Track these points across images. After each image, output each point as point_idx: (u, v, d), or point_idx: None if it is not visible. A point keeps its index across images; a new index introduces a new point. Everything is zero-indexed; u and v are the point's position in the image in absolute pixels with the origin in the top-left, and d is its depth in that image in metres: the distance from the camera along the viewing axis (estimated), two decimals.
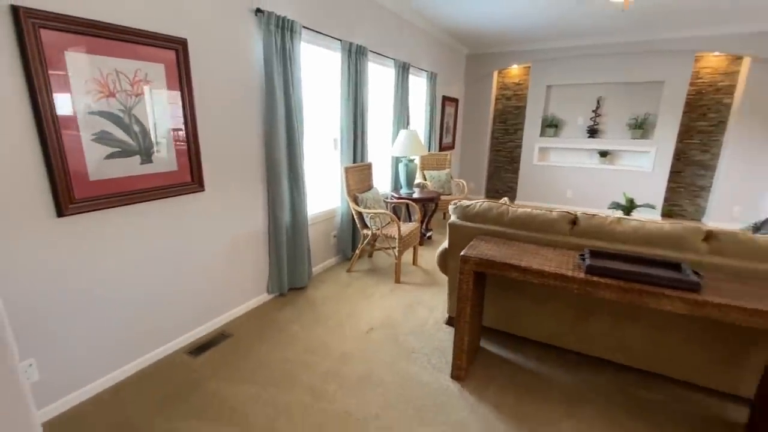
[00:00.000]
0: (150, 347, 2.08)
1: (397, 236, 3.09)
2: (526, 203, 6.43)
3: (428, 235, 4.35)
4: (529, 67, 6.09)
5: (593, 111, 5.78)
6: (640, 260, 1.68)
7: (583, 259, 1.68)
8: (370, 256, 3.78)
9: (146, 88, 1.85)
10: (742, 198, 5.03)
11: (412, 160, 4.02)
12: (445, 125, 5.85)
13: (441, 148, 5.82)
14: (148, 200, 1.93)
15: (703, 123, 5.28)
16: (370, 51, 3.60)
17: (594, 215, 1.95)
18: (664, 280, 1.46)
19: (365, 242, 3.32)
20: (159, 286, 2.07)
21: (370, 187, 3.62)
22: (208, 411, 1.77)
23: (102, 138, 1.71)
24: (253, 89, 2.45)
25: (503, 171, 6.84)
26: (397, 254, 3.14)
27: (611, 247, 1.84)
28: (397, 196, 3.96)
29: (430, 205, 4.22)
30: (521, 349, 2.28)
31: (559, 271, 1.61)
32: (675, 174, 5.54)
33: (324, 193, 3.45)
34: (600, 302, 1.96)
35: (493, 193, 7.00)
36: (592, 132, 5.79)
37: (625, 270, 1.53)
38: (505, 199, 2.46)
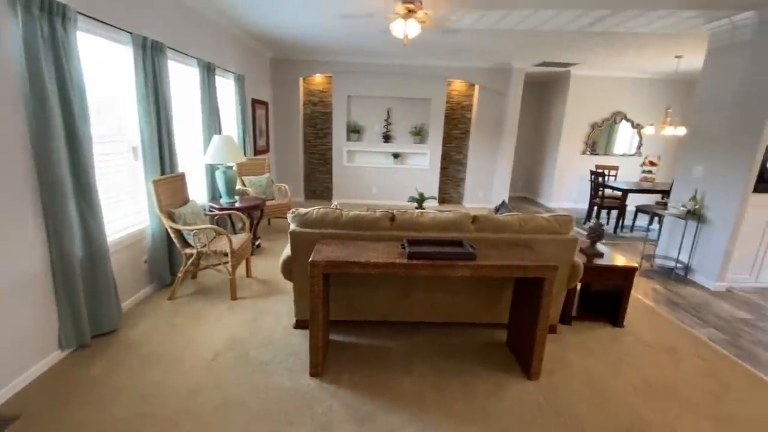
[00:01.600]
0: None
1: (228, 251, 2.94)
2: (343, 201, 7.07)
3: (257, 243, 4.25)
4: (331, 77, 6.66)
5: (385, 120, 6.88)
6: (438, 242, 2.27)
7: (404, 248, 2.13)
8: (194, 277, 3.41)
9: None
10: (483, 185, 7.12)
11: (230, 167, 3.82)
12: (258, 128, 5.73)
13: (256, 152, 5.68)
14: None
15: (456, 131, 7.14)
16: (170, 48, 3.20)
17: (405, 212, 2.47)
18: (455, 255, 2.06)
19: (189, 263, 2.99)
20: None
21: (186, 201, 3.25)
22: None
23: None
24: (4, 85, 1.83)
25: (318, 172, 7.26)
26: (230, 270, 2.98)
27: (420, 235, 2.39)
28: (218, 207, 3.70)
29: (255, 213, 4.12)
30: (362, 331, 2.65)
31: (390, 260, 2.01)
32: (443, 170, 7.27)
33: (127, 212, 2.89)
34: (417, 280, 2.52)
35: (311, 193, 7.34)
36: (386, 137, 6.90)
37: (431, 252, 2.06)
38: (336, 203, 2.76)
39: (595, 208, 6.07)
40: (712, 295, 3.60)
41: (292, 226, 2.42)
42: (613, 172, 6.56)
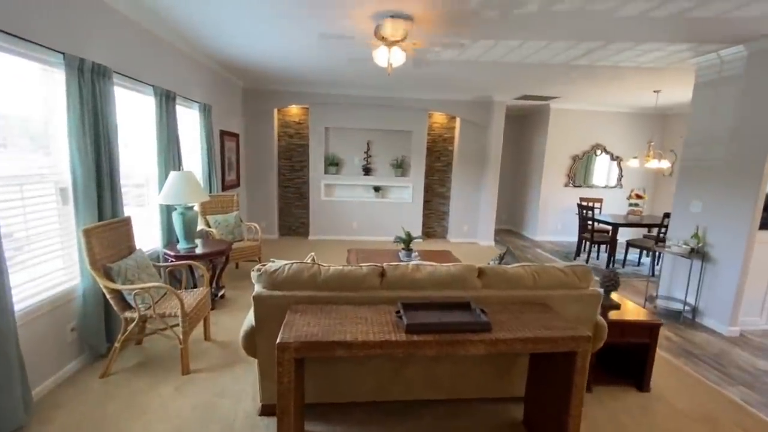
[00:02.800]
0: None
1: (180, 313, 2.39)
2: (320, 238, 6.57)
3: (220, 294, 3.68)
4: (308, 108, 6.35)
5: (365, 152, 6.58)
6: (440, 305, 1.84)
7: (400, 316, 1.69)
8: (139, 342, 2.80)
9: None
10: (468, 219, 6.84)
11: (190, 208, 3.31)
12: (227, 161, 5.25)
13: (225, 187, 5.17)
14: None
15: (438, 164, 6.91)
16: (119, 73, 2.75)
17: (397, 265, 2.05)
18: (465, 326, 1.63)
19: (129, 329, 2.41)
20: None
21: (130, 251, 2.70)
22: None
23: None
24: None
25: (293, 207, 6.78)
26: (181, 336, 2.42)
27: (416, 295, 1.96)
28: (173, 254, 3.15)
29: (219, 259, 3.58)
30: (347, 416, 2.12)
31: (383, 336, 1.56)
32: (426, 203, 6.96)
33: (53, 269, 2.31)
34: None
35: (286, 230, 6.81)
36: (366, 170, 6.57)
37: (437, 322, 1.63)
38: (312, 254, 2.30)
39: (584, 242, 5.87)
40: (727, 341, 3.31)
41: (258, 288, 1.93)
42: (597, 205, 6.44)
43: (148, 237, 3.38)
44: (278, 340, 1.50)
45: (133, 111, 3.16)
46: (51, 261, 2.33)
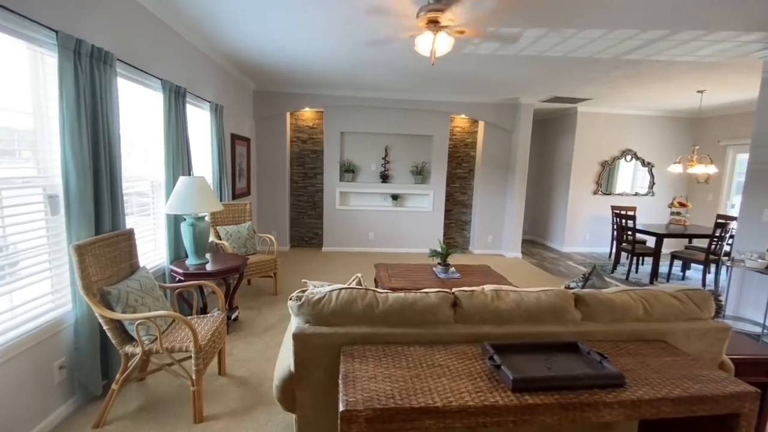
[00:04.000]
0: None
1: (192, 348, 1.95)
2: (335, 249, 6.14)
3: (234, 316, 3.23)
4: (323, 111, 5.98)
5: (383, 158, 6.18)
6: (541, 347, 1.41)
7: (496, 365, 1.25)
8: (142, 379, 2.35)
9: None
10: (493, 228, 6.40)
11: (201, 218, 2.90)
12: (237, 168, 4.85)
13: (235, 195, 4.76)
14: None
15: (460, 170, 6.50)
16: (122, 62, 2.36)
17: (472, 292, 1.61)
18: (593, 380, 1.19)
19: (130, 368, 1.97)
20: None
21: (133, 270, 2.27)
22: None
23: None
24: None
25: (306, 216, 6.36)
26: (194, 378, 1.97)
27: (501, 331, 1.52)
28: (182, 272, 2.72)
29: (232, 276, 3.15)
30: None
31: (483, 398, 1.12)
32: (447, 212, 6.54)
33: (40, 293, 1.88)
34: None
35: (298, 241, 6.38)
36: (384, 177, 6.16)
37: (553, 376, 1.19)
38: (359, 275, 1.86)
39: (621, 254, 5.43)
40: None
41: (297, 323, 1.49)
42: (630, 213, 6.01)
43: (152, 252, 2.96)
44: (342, 406, 1.06)
45: (138, 107, 2.76)
46: (36, 285, 1.90)
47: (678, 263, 5.45)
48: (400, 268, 3.56)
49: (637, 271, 5.46)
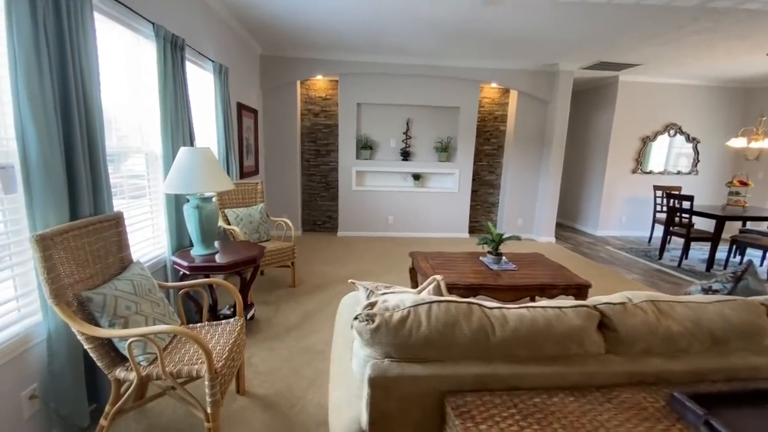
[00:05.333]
0: None
1: (206, 373, 1.44)
2: (350, 234, 5.62)
3: (250, 315, 2.73)
4: (337, 80, 5.34)
5: (404, 133, 5.58)
6: (750, 394, 0.89)
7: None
8: (141, 405, 1.86)
9: None
10: (523, 211, 5.86)
11: (208, 199, 2.36)
12: (245, 143, 4.27)
13: (243, 174, 4.20)
14: None
15: (488, 147, 5.91)
16: None
17: (623, 306, 1.08)
18: None
19: (124, 397, 1.47)
20: None
21: (123, 266, 1.75)
22: None
23: None
24: None
25: (319, 198, 5.81)
26: (209, 408, 1.47)
27: (676, 367, 1.01)
28: (187, 264, 2.20)
29: (247, 270, 2.63)
30: None
31: None
32: (472, 193, 5.98)
33: None
34: None
35: (310, 225, 5.86)
36: (405, 155, 5.57)
37: None
38: (437, 278, 1.33)
39: (670, 238, 4.91)
40: None
41: (372, 355, 0.97)
42: (684, 194, 5.45)
43: (151, 240, 2.43)
44: None
45: (127, 59, 2.18)
46: None
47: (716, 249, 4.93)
48: (441, 258, 3.04)
49: (686, 257, 4.95)
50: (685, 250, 4.70)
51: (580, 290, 2.56)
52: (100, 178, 1.72)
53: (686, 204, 4.56)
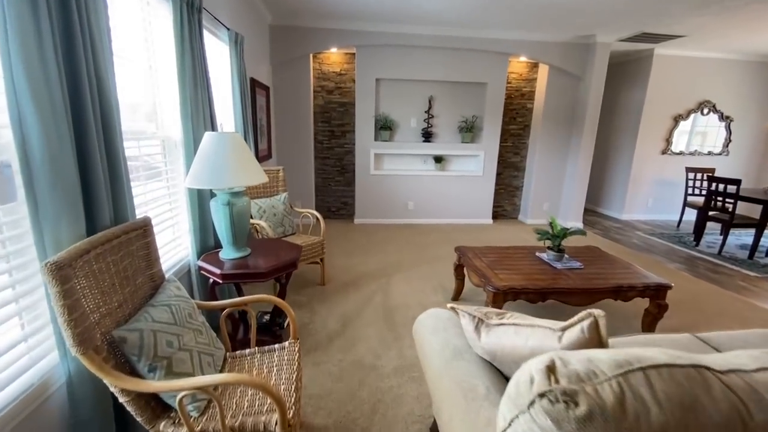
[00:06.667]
0: None
1: (278, 424, 1.13)
2: (367, 221, 5.28)
3: (286, 323, 2.42)
4: (353, 54, 4.87)
5: (426, 112, 5.17)
6: None
7: None
8: None
9: None
10: (549, 195, 5.56)
11: (238, 194, 2.00)
12: (258, 123, 3.85)
13: (258, 159, 3.80)
14: None
15: (514, 126, 5.53)
16: None
17: (747, 373, 0.78)
18: None
19: None
20: None
21: (154, 285, 1.40)
22: None
23: None
24: None
25: (333, 183, 5.43)
26: None
27: None
28: (219, 272, 1.87)
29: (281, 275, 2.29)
30: None
31: None
32: (496, 176, 5.65)
33: None
34: None
35: (325, 211, 5.50)
36: (427, 135, 5.18)
37: None
38: (595, 312, 1.01)
39: (706, 223, 4.66)
40: None
41: None
42: (706, 176, 5.19)
43: (171, 243, 2.08)
44: None
45: (133, 24, 1.76)
46: None
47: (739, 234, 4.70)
48: (493, 254, 2.74)
49: (725, 244, 4.73)
50: (725, 236, 4.47)
51: (658, 291, 2.29)
52: (120, 174, 1.35)
53: (731, 188, 4.29)
